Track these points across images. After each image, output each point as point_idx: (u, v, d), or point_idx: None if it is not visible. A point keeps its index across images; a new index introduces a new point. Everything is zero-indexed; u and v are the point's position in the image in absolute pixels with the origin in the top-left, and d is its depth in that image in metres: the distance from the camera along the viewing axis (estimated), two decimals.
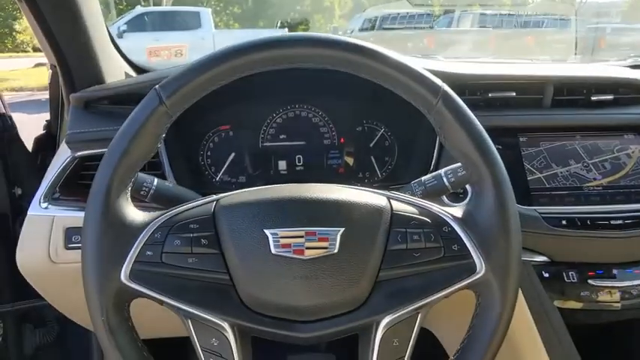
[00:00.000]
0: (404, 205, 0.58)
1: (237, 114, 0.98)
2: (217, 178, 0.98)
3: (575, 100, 0.91)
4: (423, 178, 0.71)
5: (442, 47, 7.13)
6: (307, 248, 0.52)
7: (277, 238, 0.53)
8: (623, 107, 0.90)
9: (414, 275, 0.55)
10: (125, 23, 8.05)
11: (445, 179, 0.69)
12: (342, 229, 0.54)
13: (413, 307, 0.54)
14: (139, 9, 8.84)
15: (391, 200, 0.58)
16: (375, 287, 0.55)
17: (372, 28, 7.79)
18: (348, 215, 0.55)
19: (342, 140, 1.00)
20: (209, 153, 0.99)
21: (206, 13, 8.91)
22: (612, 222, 0.80)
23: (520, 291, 0.80)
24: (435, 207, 0.58)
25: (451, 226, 0.57)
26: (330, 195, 0.56)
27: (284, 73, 0.94)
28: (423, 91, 0.54)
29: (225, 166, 0.99)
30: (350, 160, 1.00)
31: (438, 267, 0.56)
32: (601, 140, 0.89)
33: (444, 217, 0.57)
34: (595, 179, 0.86)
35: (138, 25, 8.17)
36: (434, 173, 0.71)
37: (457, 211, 0.58)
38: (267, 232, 0.53)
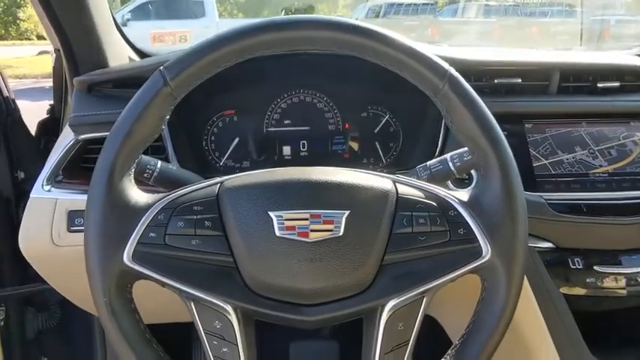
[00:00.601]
0: (409, 188, 0.58)
1: (242, 99, 0.98)
2: (221, 163, 0.98)
3: (582, 87, 0.90)
4: (428, 162, 0.70)
5: (446, 37, 7.08)
6: (312, 231, 0.52)
7: (282, 221, 0.52)
8: (629, 94, 0.89)
9: (419, 259, 0.55)
10: (129, 12, 8.00)
11: (451, 164, 0.68)
12: (347, 212, 0.53)
13: (418, 291, 0.54)
14: None
15: (397, 184, 0.58)
16: (380, 270, 0.54)
17: (377, 17, 7.72)
18: (354, 198, 0.54)
19: (346, 126, 0.99)
20: (213, 138, 0.99)
21: (210, 2, 8.83)
22: (618, 208, 0.79)
23: (525, 277, 0.80)
24: (441, 191, 0.58)
25: (457, 210, 0.56)
26: (335, 178, 0.56)
27: (289, 57, 0.95)
28: (430, 75, 0.54)
29: (230, 151, 0.98)
30: (354, 146, 0.99)
31: (443, 251, 0.55)
32: (607, 127, 0.88)
33: (450, 201, 0.57)
34: (601, 166, 0.86)
35: (142, 13, 8.12)
36: (439, 158, 0.70)
37: (463, 195, 0.58)
38: (271, 214, 0.53)
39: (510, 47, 1.00)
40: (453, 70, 0.55)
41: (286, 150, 0.99)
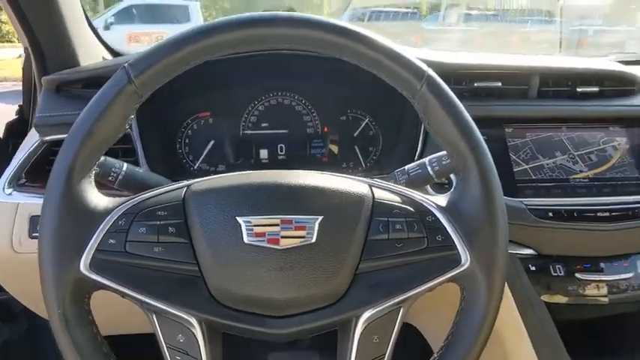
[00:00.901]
0: (386, 193, 0.56)
1: (218, 101, 0.95)
2: (195, 167, 0.95)
3: (561, 92, 0.89)
4: (406, 166, 0.69)
5: (428, 44, 7.15)
6: (283, 237, 0.49)
7: (250, 227, 0.50)
8: (608, 99, 0.89)
9: (396, 267, 0.53)
10: (113, 15, 7.90)
11: (429, 167, 0.66)
12: (321, 218, 0.51)
13: (395, 301, 0.51)
14: (126, 1, 8.67)
15: (373, 188, 0.55)
16: (354, 279, 0.52)
17: (361, 22, 7.77)
18: (327, 203, 0.52)
19: (325, 129, 0.97)
20: (187, 141, 0.95)
21: (195, 7, 8.78)
22: (599, 214, 0.79)
23: (506, 284, 0.79)
24: (418, 195, 0.56)
25: (435, 216, 0.54)
26: (308, 181, 0.53)
27: (267, 59, 0.93)
28: (407, 75, 0.52)
29: (204, 154, 0.95)
30: (334, 150, 0.97)
31: (421, 258, 0.53)
32: (587, 132, 0.88)
33: (428, 206, 0.55)
34: (581, 171, 0.85)
35: (126, 17, 8.02)
36: (418, 161, 0.68)
37: (441, 200, 0.56)
38: (239, 219, 0.50)
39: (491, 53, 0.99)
40: (431, 72, 0.53)
41: (263, 153, 0.96)
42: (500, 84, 0.86)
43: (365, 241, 0.52)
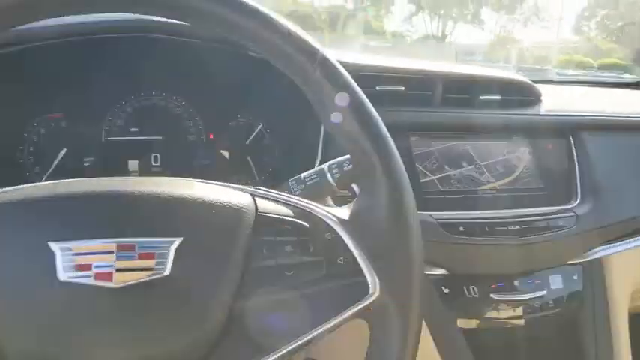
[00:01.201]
0: (274, 204, 0.43)
1: (74, 99, 0.76)
2: (43, 180, 0.75)
3: (464, 99, 0.84)
4: (302, 174, 0.57)
5: None
6: (119, 270, 0.34)
7: (70, 256, 0.33)
8: (510, 108, 0.86)
9: (286, 303, 0.40)
10: None
11: (329, 175, 0.55)
12: (178, 241, 0.36)
13: (285, 351, 0.38)
14: None
15: (256, 198, 0.42)
16: (228, 326, 0.37)
17: None
18: (190, 220, 0.37)
19: (211, 136, 0.83)
20: (32, 148, 0.76)
21: None
22: (510, 227, 0.73)
23: None
24: (315, 207, 0.44)
25: (336, 233, 0.42)
26: (162, 190, 0.38)
27: (137, 49, 0.76)
28: (297, 54, 0.41)
29: (54, 165, 0.76)
30: (221, 161, 0.82)
31: (318, 290, 0.41)
32: (491, 142, 0.84)
33: (327, 221, 0.43)
34: (489, 182, 0.80)
35: None
36: (316, 168, 0.57)
37: (343, 212, 0.44)
38: (53, 245, 0.34)
39: None
40: (326, 53, 0.42)
41: (133, 165, 0.79)
42: (403, 88, 0.79)
43: (244, 270, 0.38)
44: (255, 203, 0.42)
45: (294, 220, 0.42)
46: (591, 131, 0.87)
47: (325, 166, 0.56)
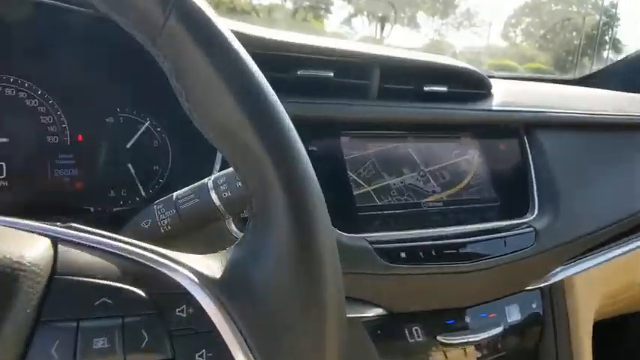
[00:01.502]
0: (89, 256, 0.24)
1: None
2: None
3: (405, 91, 0.70)
4: (175, 193, 0.39)
5: None
6: None
7: None
8: (458, 102, 0.72)
9: None
10: None
11: (214, 193, 0.37)
12: None
13: None
14: None
15: (59, 246, 0.24)
16: None
17: None
18: None
19: (79, 138, 0.62)
20: None
21: None
22: (460, 250, 0.59)
23: None
24: (165, 260, 0.26)
25: (197, 304, 0.25)
26: None
27: None
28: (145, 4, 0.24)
29: None
30: (92, 172, 0.62)
31: None
32: (436, 143, 0.70)
33: (180, 281, 0.25)
34: (434, 192, 0.65)
35: None
36: (196, 184, 0.39)
37: (211, 264, 0.27)
38: None
39: None
40: None
41: None
42: (332, 74, 0.63)
43: None
44: (56, 256, 0.23)
45: (121, 286, 0.24)
46: (546, 129, 0.76)
47: (209, 180, 0.38)
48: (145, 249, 0.25)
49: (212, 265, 0.27)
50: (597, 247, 0.70)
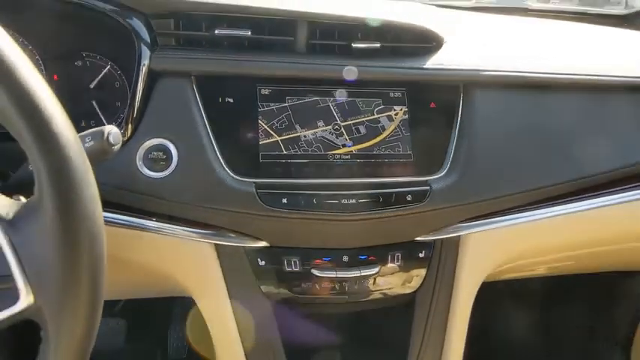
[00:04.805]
0: None
1: None
2: None
3: (335, 47, 0.73)
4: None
5: None
6: None
7: None
8: (394, 59, 0.74)
9: None
10: None
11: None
12: None
13: None
14: None
15: None
16: None
17: None
18: None
19: (55, 78, 0.77)
20: None
21: None
22: (343, 201, 0.66)
23: (223, 282, 0.67)
24: None
25: None
26: None
27: None
28: None
29: None
30: (65, 106, 0.77)
31: None
32: (361, 98, 0.74)
33: None
34: (344, 145, 0.71)
35: None
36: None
37: (8, 208, 0.39)
38: None
39: None
40: None
41: None
42: (249, 33, 0.68)
43: None
44: None
45: None
46: (487, 89, 0.75)
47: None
48: None
49: (9, 208, 0.39)
50: (501, 212, 0.72)
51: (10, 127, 0.37)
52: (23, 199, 0.44)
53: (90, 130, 0.48)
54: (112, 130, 0.47)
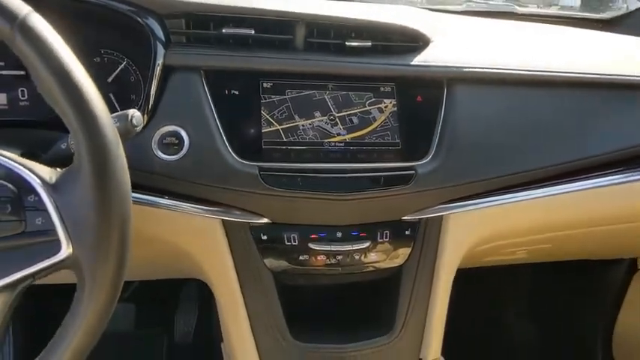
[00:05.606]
0: None
1: None
2: None
3: (330, 45, 0.81)
4: None
5: None
6: None
7: None
8: (383, 56, 0.82)
9: None
10: None
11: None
12: None
13: None
14: None
15: None
16: None
17: None
18: None
19: None
20: None
21: None
22: (337, 182, 0.74)
23: (230, 257, 0.74)
24: (20, 166, 0.47)
25: (38, 195, 0.46)
26: None
27: None
28: None
29: None
30: None
31: (15, 245, 0.45)
32: (354, 92, 0.81)
33: (31, 182, 0.46)
34: (339, 134, 0.79)
35: None
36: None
37: (51, 174, 0.47)
38: None
39: None
40: (32, 16, 0.42)
41: (1, 98, 0.82)
42: (253, 31, 0.76)
43: None
44: None
45: None
46: (469, 85, 0.83)
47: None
48: (9, 161, 0.46)
49: (50, 174, 0.47)
50: (481, 194, 0.79)
51: (57, 107, 0.45)
52: (59, 170, 0.52)
53: (117, 113, 0.56)
54: (134, 114, 0.55)
